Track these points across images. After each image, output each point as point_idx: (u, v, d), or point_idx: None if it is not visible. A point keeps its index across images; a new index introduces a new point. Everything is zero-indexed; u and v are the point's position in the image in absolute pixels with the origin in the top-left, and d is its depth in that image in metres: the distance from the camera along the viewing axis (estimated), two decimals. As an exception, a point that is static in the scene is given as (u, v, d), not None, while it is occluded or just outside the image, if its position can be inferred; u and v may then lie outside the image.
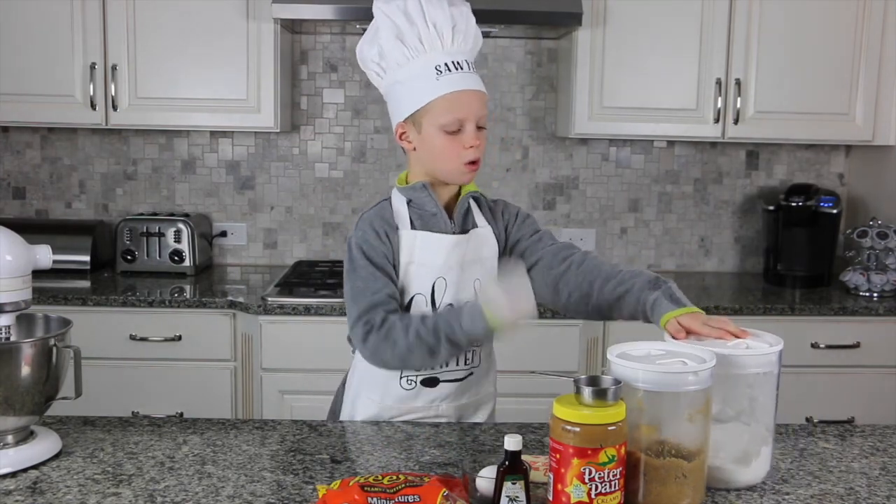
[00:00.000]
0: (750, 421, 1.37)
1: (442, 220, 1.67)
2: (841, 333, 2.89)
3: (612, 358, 1.33)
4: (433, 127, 1.60)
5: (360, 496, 1.19)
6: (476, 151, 1.61)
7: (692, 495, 1.30)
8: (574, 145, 3.46)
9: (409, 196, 1.68)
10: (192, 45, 3.00)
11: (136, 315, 2.82)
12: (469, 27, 1.64)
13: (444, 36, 1.60)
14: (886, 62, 3.10)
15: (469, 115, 1.60)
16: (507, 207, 1.79)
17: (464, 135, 1.60)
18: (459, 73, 1.60)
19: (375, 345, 1.58)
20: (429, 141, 1.62)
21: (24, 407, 1.42)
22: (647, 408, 1.27)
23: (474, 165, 1.63)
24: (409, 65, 1.60)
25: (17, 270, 1.43)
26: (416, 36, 1.59)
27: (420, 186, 1.66)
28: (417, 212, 1.68)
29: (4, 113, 3.02)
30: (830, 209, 3.18)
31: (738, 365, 1.35)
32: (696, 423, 1.29)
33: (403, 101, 1.63)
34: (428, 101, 1.59)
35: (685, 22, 3.04)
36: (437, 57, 1.59)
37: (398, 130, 1.67)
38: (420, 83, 1.59)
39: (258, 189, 3.44)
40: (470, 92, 1.60)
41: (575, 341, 2.85)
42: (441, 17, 1.59)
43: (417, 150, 1.65)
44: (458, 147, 1.61)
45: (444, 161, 1.63)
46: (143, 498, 1.31)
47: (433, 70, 1.58)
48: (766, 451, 1.40)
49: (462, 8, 1.64)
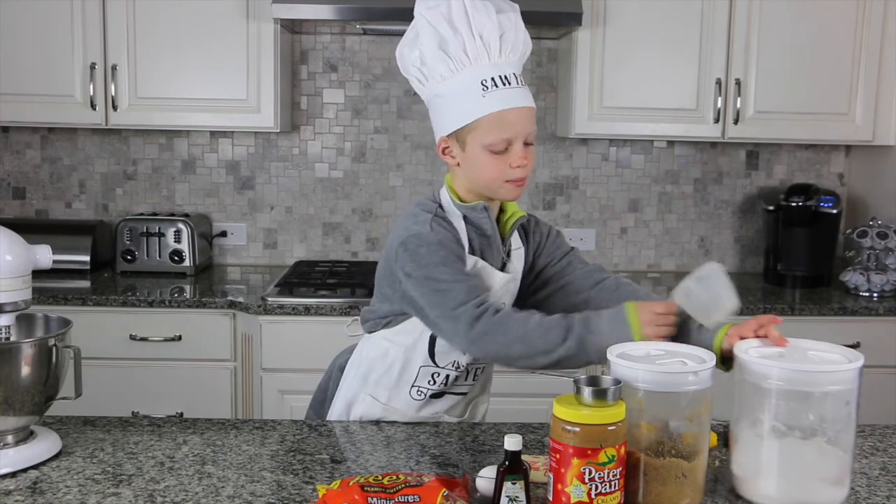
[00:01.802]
0: (836, 441, 1.30)
1: (496, 244, 1.61)
2: (841, 333, 2.89)
3: (613, 358, 1.33)
4: (478, 145, 1.52)
5: (360, 496, 1.19)
6: (522, 171, 1.54)
7: (692, 495, 1.30)
8: (574, 145, 3.46)
9: (468, 213, 1.60)
10: (192, 45, 3.00)
11: (136, 315, 2.82)
12: (518, 35, 1.54)
13: (490, 47, 1.49)
14: (886, 62, 3.10)
15: (517, 134, 1.51)
16: (539, 226, 1.74)
17: (510, 154, 1.52)
18: (507, 88, 1.50)
19: (485, 328, 1.47)
20: (473, 159, 1.54)
21: (24, 407, 1.42)
22: (647, 408, 1.27)
23: (521, 182, 1.55)
24: (453, 78, 1.50)
25: (17, 270, 1.43)
26: (461, 47, 1.48)
27: (481, 208, 1.58)
28: (475, 230, 1.61)
29: (4, 113, 3.02)
30: (830, 209, 3.18)
31: (837, 382, 1.28)
32: (696, 422, 1.29)
33: (447, 116, 1.54)
34: (473, 120, 1.50)
35: (685, 22, 3.04)
36: (483, 70, 1.49)
37: (441, 145, 1.59)
38: (465, 99, 1.50)
39: (258, 189, 3.44)
40: (518, 109, 1.52)
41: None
42: (488, 26, 1.49)
43: (461, 166, 1.57)
44: (503, 166, 1.52)
45: (489, 180, 1.55)
46: (143, 498, 1.31)
47: (479, 85, 1.49)
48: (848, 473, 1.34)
49: (510, 14, 1.53)
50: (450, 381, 1.67)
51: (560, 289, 1.68)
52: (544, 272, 1.71)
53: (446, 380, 1.66)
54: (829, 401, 1.27)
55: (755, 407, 1.30)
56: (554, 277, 1.70)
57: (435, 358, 1.63)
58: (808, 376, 1.27)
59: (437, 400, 1.69)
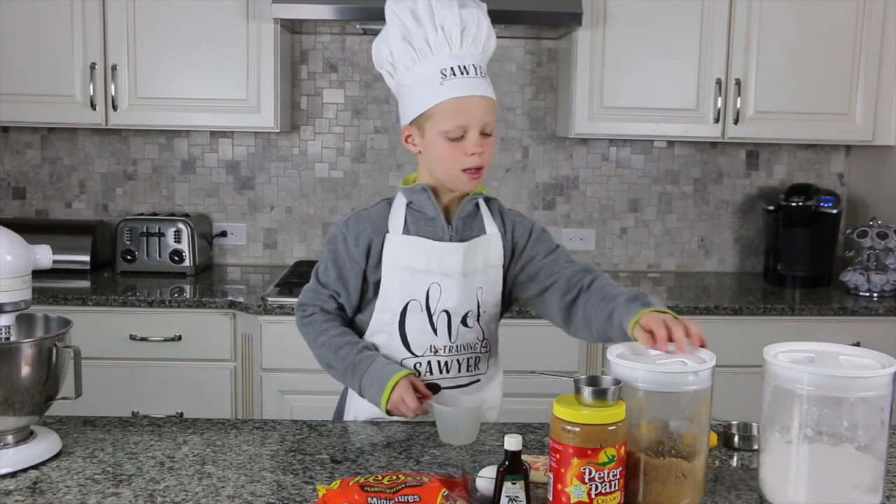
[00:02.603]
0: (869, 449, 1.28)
1: (439, 225, 1.65)
2: (841, 333, 2.88)
3: (612, 358, 1.33)
4: (435, 132, 1.58)
5: (360, 496, 1.19)
6: (478, 159, 1.58)
7: (692, 495, 1.30)
8: (574, 145, 3.46)
9: (410, 198, 1.67)
10: (192, 45, 3.00)
11: (136, 315, 2.82)
12: (480, 30, 1.60)
13: (452, 39, 1.56)
14: (886, 62, 3.10)
15: (472, 122, 1.56)
16: (522, 221, 1.75)
17: (466, 141, 1.57)
18: (465, 77, 1.56)
19: (302, 331, 1.73)
20: (431, 146, 1.60)
21: (24, 407, 1.42)
22: (646, 408, 1.28)
23: (477, 173, 1.60)
24: (416, 67, 1.58)
25: (17, 270, 1.43)
26: (424, 38, 1.56)
27: (420, 189, 1.65)
28: (415, 214, 1.66)
29: (4, 113, 3.02)
30: (830, 209, 3.18)
31: (869, 388, 1.25)
32: (696, 422, 1.29)
33: (408, 104, 1.61)
34: (431, 106, 1.57)
35: (685, 22, 3.04)
36: (443, 61, 1.56)
37: (404, 133, 1.66)
38: (424, 87, 1.57)
39: (258, 189, 3.44)
40: (475, 98, 1.57)
41: (575, 341, 2.85)
42: (450, 19, 1.56)
43: (423, 154, 1.64)
44: (459, 154, 1.58)
45: (446, 167, 1.61)
46: (143, 498, 1.31)
47: (438, 74, 1.56)
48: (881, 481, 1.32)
49: (474, 10, 1.60)
50: (438, 371, 1.67)
51: (549, 287, 1.69)
52: (529, 266, 1.72)
53: (430, 367, 1.67)
54: (863, 407, 1.24)
55: (785, 412, 1.28)
56: (542, 274, 1.71)
57: (410, 347, 1.66)
58: (841, 381, 1.24)
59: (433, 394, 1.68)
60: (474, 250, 1.67)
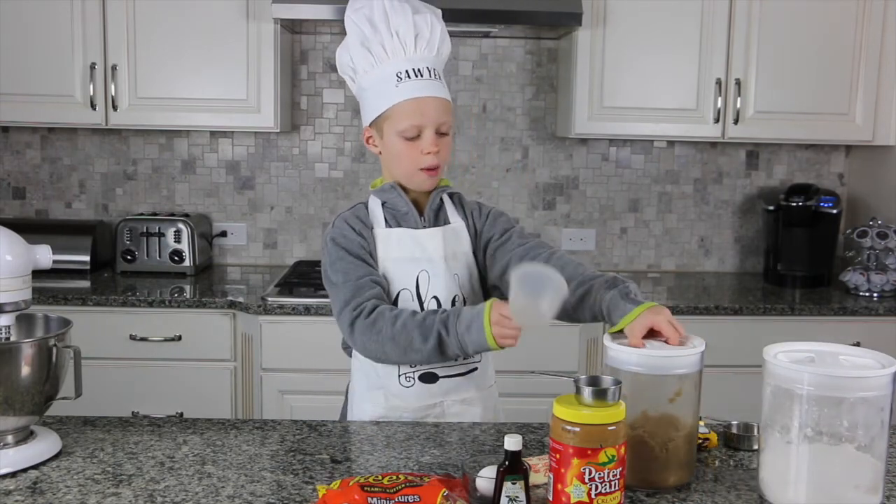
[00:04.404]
0: (869, 449, 1.27)
1: (413, 217, 1.71)
2: (841, 333, 2.88)
3: (609, 344, 1.39)
4: (393, 132, 1.65)
5: (360, 496, 1.19)
6: (434, 158, 1.64)
7: (679, 473, 1.35)
8: (574, 145, 3.46)
9: (382, 198, 1.73)
10: (192, 45, 3.00)
11: (136, 315, 2.82)
12: (434, 35, 1.67)
13: (406, 44, 1.64)
14: (886, 62, 3.10)
15: (427, 122, 1.63)
16: (481, 207, 1.81)
17: (422, 141, 1.64)
18: (419, 80, 1.63)
19: (361, 330, 1.59)
20: (390, 146, 1.67)
21: (24, 407, 1.42)
22: (635, 389, 1.31)
23: (433, 172, 1.67)
24: (373, 71, 1.65)
25: (17, 270, 1.43)
26: (380, 43, 1.63)
27: (389, 187, 1.71)
28: (391, 211, 1.72)
29: (4, 113, 3.02)
30: (830, 209, 3.18)
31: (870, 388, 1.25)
32: (681, 404, 1.33)
33: (368, 106, 1.69)
34: (387, 108, 1.64)
35: (685, 22, 3.05)
36: (399, 64, 1.63)
37: (365, 135, 1.73)
38: (381, 90, 1.64)
39: (258, 189, 3.44)
40: (429, 99, 1.63)
41: (575, 341, 2.85)
42: (404, 26, 1.63)
43: (383, 155, 1.71)
44: (416, 153, 1.64)
45: (404, 166, 1.67)
46: (143, 498, 1.31)
47: (394, 77, 1.63)
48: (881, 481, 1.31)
49: (427, 15, 1.67)
50: None
51: (507, 267, 1.69)
52: (489, 248, 1.75)
53: None
54: (863, 407, 1.24)
55: (785, 412, 1.28)
56: (497, 255, 1.74)
57: None
58: (841, 381, 1.24)
59: (429, 385, 1.69)
60: (448, 236, 1.72)
